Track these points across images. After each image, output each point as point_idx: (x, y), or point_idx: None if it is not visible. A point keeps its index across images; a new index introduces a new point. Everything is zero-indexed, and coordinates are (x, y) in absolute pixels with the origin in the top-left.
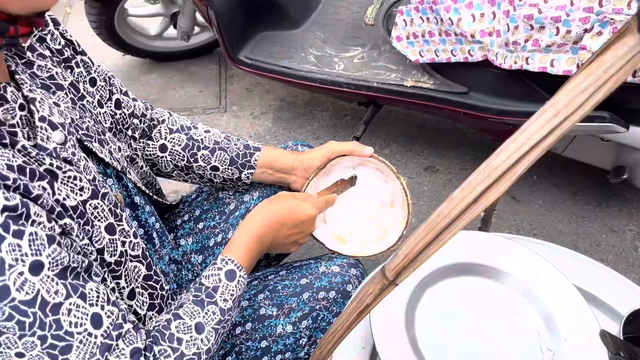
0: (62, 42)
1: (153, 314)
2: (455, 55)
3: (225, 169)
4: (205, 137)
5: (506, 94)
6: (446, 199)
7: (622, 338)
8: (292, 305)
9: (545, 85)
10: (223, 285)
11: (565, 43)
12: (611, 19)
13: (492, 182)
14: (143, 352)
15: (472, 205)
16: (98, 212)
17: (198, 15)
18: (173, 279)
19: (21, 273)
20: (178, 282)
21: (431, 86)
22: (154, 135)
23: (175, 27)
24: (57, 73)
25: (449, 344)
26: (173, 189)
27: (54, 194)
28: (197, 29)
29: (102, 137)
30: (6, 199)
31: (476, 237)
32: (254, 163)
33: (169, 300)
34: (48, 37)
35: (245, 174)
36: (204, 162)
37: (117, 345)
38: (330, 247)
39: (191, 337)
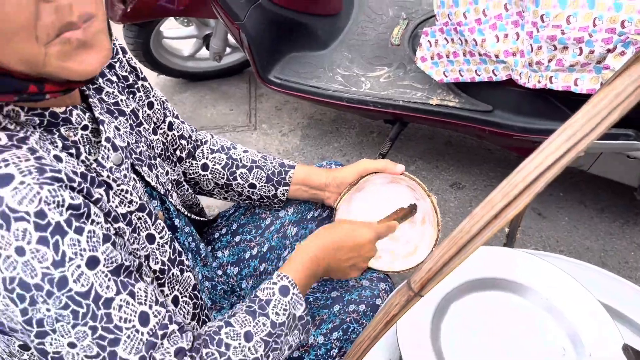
0: (128, 68)
1: (194, 324)
2: (479, 75)
3: (262, 186)
4: (243, 156)
5: (530, 112)
6: (468, 215)
7: None
8: (323, 317)
9: (569, 103)
10: (276, 299)
11: (589, 62)
12: (634, 39)
13: (512, 200)
14: (188, 352)
15: (493, 221)
16: (141, 223)
17: (229, 37)
18: (207, 296)
19: (79, 266)
20: (212, 299)
21: (456, 104)
22: (197, 155)
23: (207, 48)
24: (121, 100)
25: (475, 357)
26: (206, 204)
27: (108, 201)
28: (228, 49)
29: (152, 161)
30: (71, 198)
31: (501, 253)
32: (289, 180)
33: (206, 311)
34: (117, 65)
35: (280, 191)
36: (242, 180)
37: (162, 344)
38: None
39: (239, 344)
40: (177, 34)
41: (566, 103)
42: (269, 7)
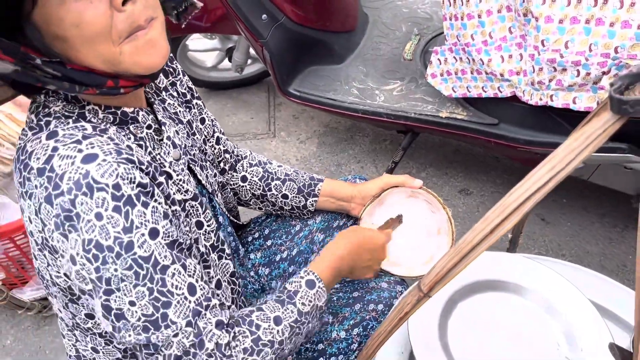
0: (187, 87)
1: (233, 309)
2: (485, 91)
3: (293, 197)
4: (277, 170)
5: (533, 126)
6: (470, 229)
7: (631, 350)
8: (346, 314)
9: (569, 119)
10: (303, 291)
11: (586, 83)
12: (626, 63)
13: (505, 217)
14: (226, 326)
15: (489, 235)
16: (194, 210)
17: (251, 50)
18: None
19: (143, 234)
20: (243, 296)
21: (464, 117)
22: (238, 168)
23: (230, 60)
24: (179, 111)
25: (479, 351)
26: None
27: (168, 187)
28: (249, 61)
29: (203, 163)
30: (141, 177)
31: (503, 258)
32: (318, 192)
33: (242, 298)
34: (178, 83)
35: (310, 202)
36: (276, 191)
37: (205, 314)
38: (383, 267)
39: (269, 326)
40: (201, 47)
41: (566, 118)
42: (290, 25)
